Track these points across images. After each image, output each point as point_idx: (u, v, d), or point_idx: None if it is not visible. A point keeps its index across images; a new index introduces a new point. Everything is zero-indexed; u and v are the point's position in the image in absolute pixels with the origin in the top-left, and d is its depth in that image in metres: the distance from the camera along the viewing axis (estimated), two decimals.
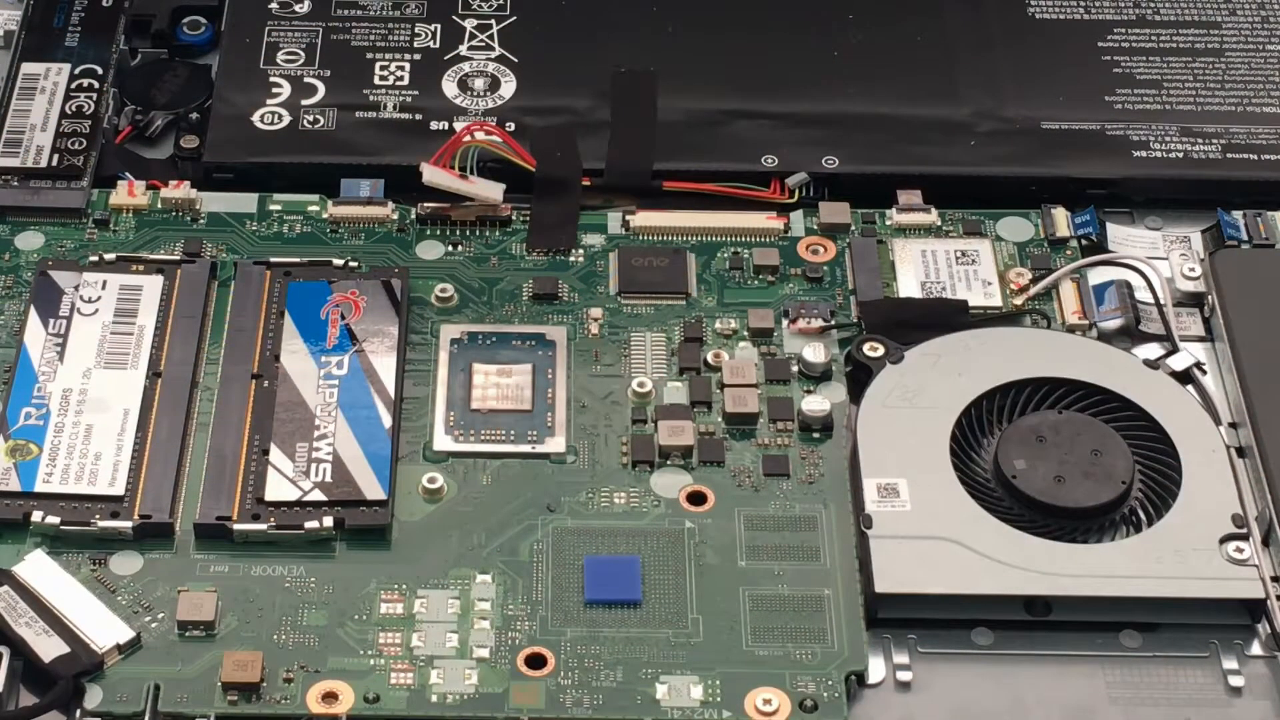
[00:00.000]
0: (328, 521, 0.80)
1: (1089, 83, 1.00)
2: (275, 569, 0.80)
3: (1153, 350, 0.88)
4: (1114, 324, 0.89)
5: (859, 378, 0.86)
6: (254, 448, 0.83)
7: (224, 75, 1.00)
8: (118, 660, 0.76)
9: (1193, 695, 0.77)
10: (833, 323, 0.89)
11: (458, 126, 0.96)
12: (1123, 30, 1.03)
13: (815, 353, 0.87)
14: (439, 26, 1.03)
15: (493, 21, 1.03)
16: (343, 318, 0.88)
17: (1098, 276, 0.91)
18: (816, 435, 0.85)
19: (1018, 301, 0.90)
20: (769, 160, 0.96)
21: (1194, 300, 0.91)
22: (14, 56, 1.01)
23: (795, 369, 0.87)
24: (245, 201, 0.94)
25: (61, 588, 0.78)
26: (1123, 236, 0.94)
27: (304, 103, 0.98)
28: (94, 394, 0.84)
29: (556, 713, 0.75)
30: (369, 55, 1.01)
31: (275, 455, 0.82)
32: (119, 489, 0.81)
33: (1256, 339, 0.87)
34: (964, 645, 0.79)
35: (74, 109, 0.98)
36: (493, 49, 1.02)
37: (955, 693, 0.77)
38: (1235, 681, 0.78)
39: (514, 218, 0.94)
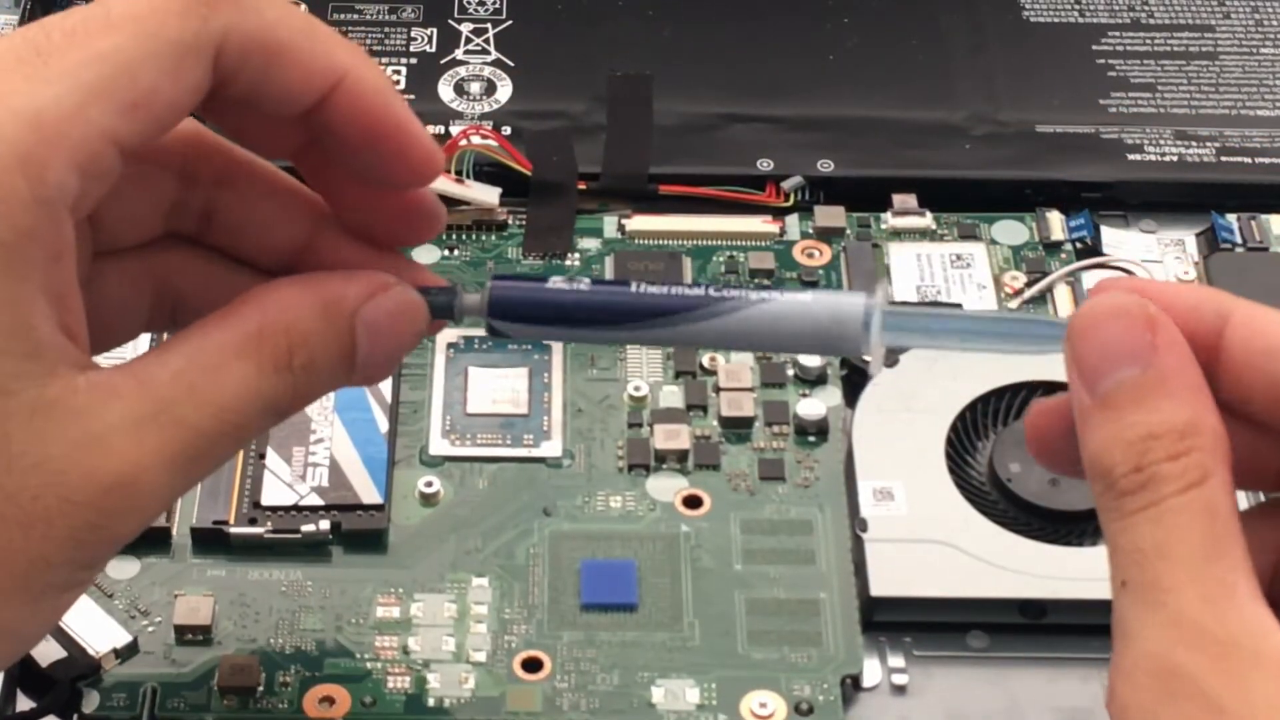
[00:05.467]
0: (324, 525, 0.81)
1: (1084, 86, 1.00)
2: (272, 573, 0.80)
3: None
4: None
5: (854, 381, 0.87)
6: (250, 452, 0.83)
7: None
8: (115, 665, 0.76)
9: None
10: None
11: (454, 131, 0.96)
12: (1117, 33, 1.03)
13: (810, 356, 0.87)
14: (435, 31, 1.03)
15: (489, 25, 1.03)
16: None
17: (1092, 280, 0.91)
18: (812, 439, 0.85)
19: (1012, 305, 0.90)
20: (764, 164, 0.96)
21: None
22: None
23: (791, 373, 0.87)
24: None
25: None
26: (1117, 240, 0.94)
27: None
28: None
29: (553, 716, 0.75)
30: None
31: (272, 459, 0.82)
32: None
33: None
34: (959, 648, 0.79)
35: None
36: (489, 53, 1.02)
37: (951, 696, 0.77)
38: None
39: (510, 222, 0.94)
